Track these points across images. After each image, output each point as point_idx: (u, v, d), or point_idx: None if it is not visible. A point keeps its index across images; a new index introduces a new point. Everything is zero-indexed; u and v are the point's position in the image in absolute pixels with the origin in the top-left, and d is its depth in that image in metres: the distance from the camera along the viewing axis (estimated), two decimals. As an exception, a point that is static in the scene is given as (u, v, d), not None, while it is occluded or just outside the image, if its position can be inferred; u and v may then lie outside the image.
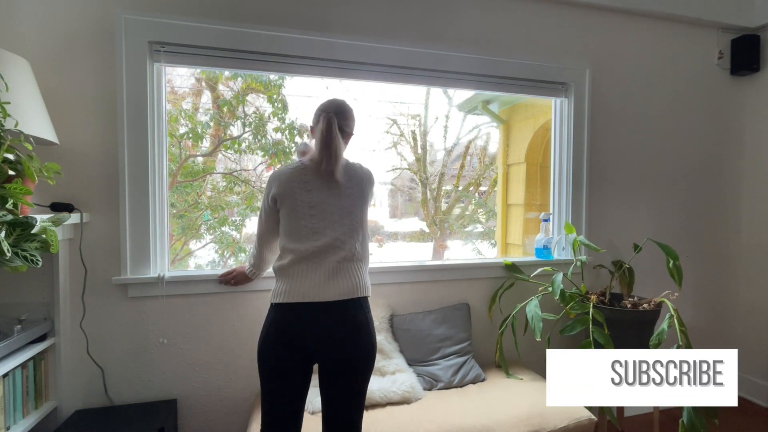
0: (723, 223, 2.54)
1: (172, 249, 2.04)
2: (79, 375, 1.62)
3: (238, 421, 1.79)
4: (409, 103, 2.49)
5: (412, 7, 1.94)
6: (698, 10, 2.32)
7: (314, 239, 1.24)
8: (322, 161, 1.26)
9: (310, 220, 1.25)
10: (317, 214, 1.25)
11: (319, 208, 1.26)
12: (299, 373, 1.22)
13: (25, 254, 1.14)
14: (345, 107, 1.37)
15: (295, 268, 1.23)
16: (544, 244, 2.20)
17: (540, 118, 2.67)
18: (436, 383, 1.80)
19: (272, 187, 1.31)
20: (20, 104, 1.29)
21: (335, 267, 1.23)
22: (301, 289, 1.20)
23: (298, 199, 1.26)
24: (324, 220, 1.25)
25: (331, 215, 1.26)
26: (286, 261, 1.25)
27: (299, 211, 1.26)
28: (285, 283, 1.23)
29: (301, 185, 1.27)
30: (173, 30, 1.64)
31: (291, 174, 1.29)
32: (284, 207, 1.28)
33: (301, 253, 1.23)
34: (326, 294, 1.20)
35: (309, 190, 1.26)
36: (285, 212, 1.28)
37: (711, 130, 2.49)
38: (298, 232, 1.25)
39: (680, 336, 1.69)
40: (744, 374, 2.51)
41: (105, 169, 1.62)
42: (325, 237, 1.24)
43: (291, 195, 1.27)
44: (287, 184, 1.28)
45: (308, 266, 1.22)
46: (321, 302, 1.19)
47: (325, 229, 1.25)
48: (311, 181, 1.27)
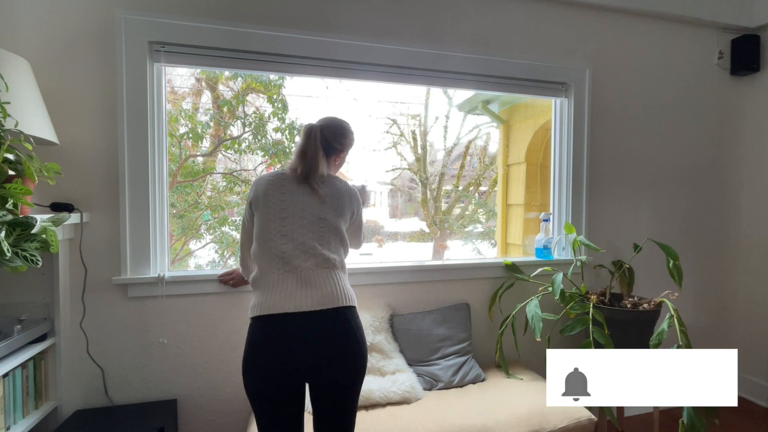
0: (723, 223, 2.54)
1: (172, 249, 2.04)
2: (79, 375, 1.62)
3: (238, 421, 1.79)
4: (409, 103, 2.49)
5: (412, 7, 1.94)
6: (698, 10, 2.32)
7: (282, 242, 1.19)
8: (297, 167, 1.28)
9: (280, 223, 1.21)
10: (287, 217, 1.22)
11: (290, 212, 1.23)
12: (287, 391, 1.13)
13: (25, 254, 1.14)
14: (336, 123, 1.39)
15: (266, 278, 1.18)
16: (544, 244, 2.20)
17: (540, 118, 2.67)
18: (436, 383, 1.80)
19: (251, 191, 1.31)
20: (20, 104, 1.29)
21: (308, 274, 1.17)
22: (274, 299, 1.13)
23: (271, 202, 1.24)
24: (293, 224, 1.21)
25: (302, 219, 1.22)
26: (258, 271, 1.21)
27: (271, 214, 1.23)
28: (259, 294, 1.18)
29: (276, 189, 1.26)
30: (173, 30, 1.64)
31: (269, 179, 1.29)
32: (258, 211, 1.26)
33: (271, 259, 1.19)
34: (301, 303, 1.12)
35: (282, 193, 1.25)
36: (258, 217, 1.26)
37: (711, 130, 2.49)
38: (268, 235, 1.21)
39: (680, 336, 1.69)
40: (744, 374, 2.51)
41: (105, 169, 1.62)
42: (293, 241, 1.19)
43: (265, 199, 1.25)
44: (264, 188, 1.27)
45: (279, 275, 1.17)
46: (296, 312, 1.12)
47: (293, 233, 1.20)
48: (287, 185, 1.26)
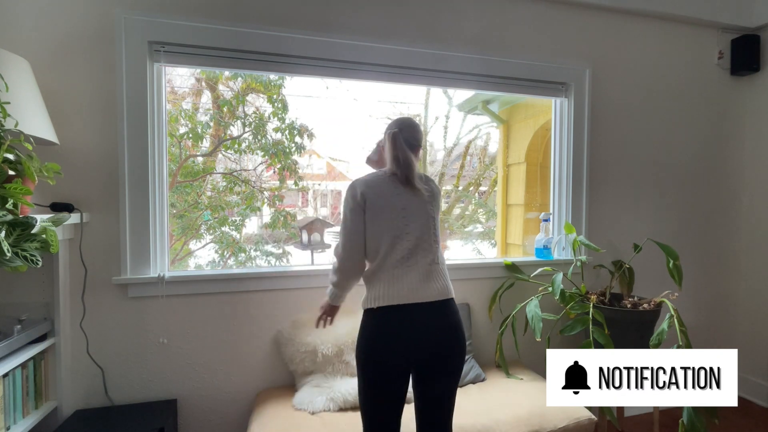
0: (723, 222, 2.54)
1: (172, 249, 2.04)
2: (79, 375, 1.62)
3: (238, 421, 1.79)
4: (409, 103, 2.49)
5: (412, 7, 1.94)
6: (698, 10, 2.32)
7: (406, 241, 1.27)
8: (395, 171, 1.32)
9: (402, 221, 1.28)
10: (408, 217, 1.29)
11: (409, 211, 1.29)
12: (403, 376, 1.23)
13: (25, 254, 1.14)
14: (409, 123, 1.41)
15: (390, 272, 1.24)
16: (544, 244, 2.20)
17: (540, 118, 2.67)
18: (436, 383, 1.80)
19: (357, 190, 1.30)
20: (20, 104, 1.29)
21: (427, 269, 1.26)
22: (400, 291, 1.22)
23: (390, 202, 1.29)
24: (413, 223, 1.29)
25: (419, 218, 1.30)
26: (380, 265, 1.26)
27: (390, 214, 1.28)
28: (381, 287, 1.24)
29: (391, 190, 1.31)
30: (173, 30, 1.64)
31: (378, 180, 1.32)
32: (373, 210, 1.29)
33: (395, 256, 1.25)
34: (424, 295, 1.22)
35: (398, 194, 1.30)
36: (374, 216, 1.28)
37: (711, 130, 2.49)
38: (391, 235, 1.27)
39: (680, 336, 1.69)
40: (744, 374, 2.51)
41: (105, 169, 1.62)
42: (414, 240, 1.27)
43: (382, 198, 1.29)
44: (375, 190, 1.30)
45: (402, 269, 1.24)
46: (421, 303, 1.21)
47: (414, 232, 1.28)
48: (399, 187, 1.31)
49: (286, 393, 1.72)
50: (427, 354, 1.22)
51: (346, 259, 1.33)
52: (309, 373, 1.72)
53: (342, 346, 1.71)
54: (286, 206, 2.51)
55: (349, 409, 1.59)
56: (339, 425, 1.49)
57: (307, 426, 1.48)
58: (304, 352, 1.71)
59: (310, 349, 1.70)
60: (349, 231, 1.31)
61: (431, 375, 1.24)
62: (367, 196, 1.29)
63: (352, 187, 1.33)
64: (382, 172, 1.36)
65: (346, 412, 1.58)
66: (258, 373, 1.81)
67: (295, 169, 2.38)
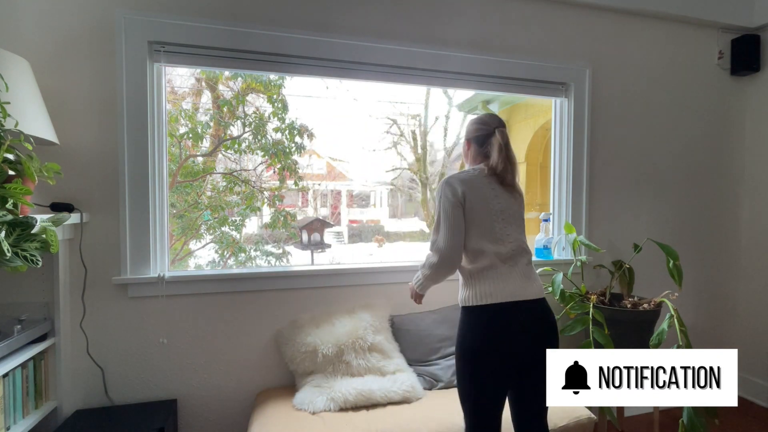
0: (723, 222, 2.54)
1: (172, 249, 2.04)
2: (79, 375, 1.62)
3: (238, 421, 1.79)
4: (409, 103, 2.49)
5: (412, 7, 1.94)
6: (698, 10, 2.32)
7: (507, 242, 1.30)
8: (506, 173, 1.34)
9: (502, 224, 1.31)
10: (507, 218, 1.32)
11: (508, 213, 1.33)
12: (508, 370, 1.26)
13: (25, 254, 1.14)
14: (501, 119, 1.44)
15: (494, 271, 1.27)
16: (544, 244, 2.20)
17: (540, 118, 2.67)
18: (437, 383, 1.80)
19: (457, 188, 1.30)
20: (20, 104, 1.29)
21: (526, 269, 1.30)
22: (507, 289, 1.25)
23: (490, 203, 1.31)
24: (512, 225, 1.33)
25: (516, 221, 1.34)
26: (484, 263, 1.28)
27: (492, 215, 1.31)
28: (485, 285, 1.26)
29: (490, 191, 1.33)
30: (173, 30, 1.64)
31: (475, 179, 1.33)
32: (473, 210, 1.30)
33: (498, 256, 1.28)
34: (528, 293, 1.27)
35: (497, 196, 1.33)
36: (475, 215, 1.30)
37: (711, 130, 2.49)
38: (493, 235, 1.30)
39: (680, 336, 1.69)
40: (744, 374, 2.51)
41: (105, 169, 1.62)
42: (515, 241, 1.31)
43: (481, 198, 1.31)
44: (476, 188, 1.31)
45: (505, 268, 1.28)
46: (526, 300, 1.26)
47: (513, 233, 1.32)
48: (497, 188, 1.34)
49: (287, 393, 1.72)
50: (528, 350, 1.26)
51: (447, 255, 1.31)
52: (309, 373, 1.72)
53: (342, 346, 1.71)
54: (286, 206, 2.51)
55: (350, 409, 1.59)
56: (340, 425, 1.49)
57: (308, 426, 1.48)
58: (305, 352, 1.71)
59: (310, 349, 1.70)
60: (452, 226, 1.30)
61: (529, 369, 1.28)
62: (466, 194, 1.30)
63: (450, 184, 1.32)
64: (478, 171, 1.36)
65: (347, 412, 1.58)
66: (258, 373, 1.81)
67: (295, 169, 2.38)
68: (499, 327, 1.25)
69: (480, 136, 1.40)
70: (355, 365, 1.71)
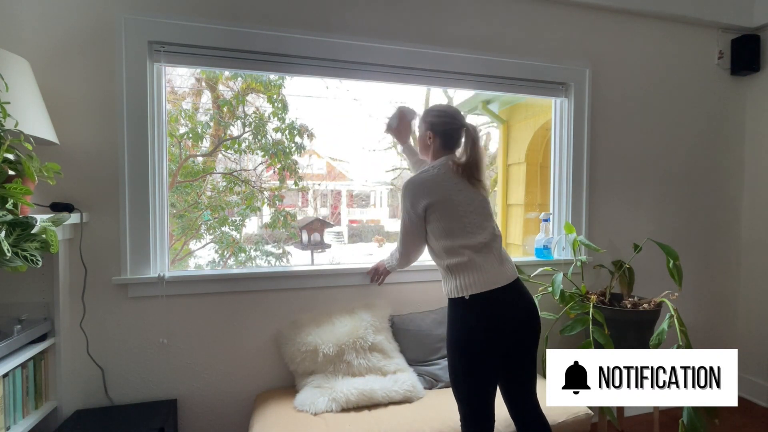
0: (723, 222, 2.54)
1: (172, 249, 2.04)
2: (79, 375, 1.62)
3: (238, 421, 1.79)
4: (409, 103, 2.48)
5: (412, 7, 1.94)
6: (698, 10, 2.32)
7: (479, 232, 1.35)
8: (476, 169, 1.39)
9: (471, 216, 1.35)
10: (475, 210, 1.37)
11: (474, 204, 1.37)
12: (497, 356, 1.30)
13: (25, 254, 1.14)
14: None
15: (471, 262, 1.31)
16: (544, 244, 2.20)
17: (540, 118, 2.67)
18: (437, 383, 1.80)
19: (419, 199, 1.36)
20: (20, 104, 1.28)
21: (500, 254, 1.36)
22: (486, 277, 1.29)
23: (456, 200, 1.35)
24: (480, 215, 1.37)
25: (484, 210, 1.39)
26: (463, 257, 1.32)
27: (460, 210, 1.35)
28: (469, 275, 1.30)
29: (453, 186, 1.37)
30: (173, 30, 1.64)
31: (439, 179, 1.37)
32: (440, 212, 1.35)
33: (473, 248, 1.32)
34: (505, 277, 1.32)
35: (461, 191, 1.37)
36: (441, 215, 1.35)
37: (711, 130, 2.49)
38: (464, 229, 1.34)
39: (680, 336, 1.69)
40: (744, 374, 2.51)
41: (105, 169, 1.61)
42: (485, 229, 1.36)
43: (447, 198, 1.35)
44: (440, 189, 1.36)
45: (481, 257, 1.32)
46: (507, 285, 1.31)
47: (483, 222, 1.37)
48: (460, 182, 1.38)
49: (287, 394, 1.72)
50: (517, 332, 1.31)
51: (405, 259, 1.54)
52: (310, 373, 1.72)
53: (343, 346, 1.71)
54: (286, 206, 2.51)
55: (352, 410, 1.59)
56: (342, 426, 1.48)
57: (309, 427, 1.47)
58: (305, 351, 1.71)
59: (311, 348, 1.70)
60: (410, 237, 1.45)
61: (521, 351, 1.34)
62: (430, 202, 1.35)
63: (411, 194, 1.37)
64: (440, 167, 1.39)
65: (349, 412, 1.58)
66: (258, 373, 1.81)
67: (295, 169, 2.38)
68: (485, 314, 1.28)
69: (449, 130, 1.43)
70: (356, 365, 1.70)
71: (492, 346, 1.28)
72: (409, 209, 1.38)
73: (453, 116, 1.44)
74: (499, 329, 1.28)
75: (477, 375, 1.29)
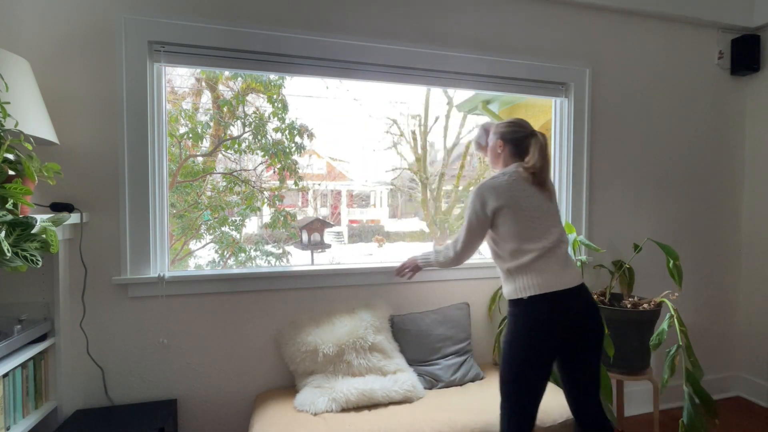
0: (723, 222, 2.54)
1: (172, 249, 2.04)
2: (79, 375, 1.62)
3: (238, 421, 1.79)
4: (409, 103, 2.49)
5: (412, 7, 1.94)
6: (698, 10, 2.32)
7: (545, 237, 1.39)
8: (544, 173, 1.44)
9: (538, 221, 1.40)
10: (542, 215, 1.41)
11: (542, 209, 1.42)
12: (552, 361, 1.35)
13: (25, 254, 1.14)
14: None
15: (535, 265, 1.36)
16: (544, 244, 2.20)
17: (540, 118, 2.67)
18: (437, 383, 1.80)
19: (488, 202, 1.41)
20: (20, 104, 1.29)
21: (564, 259, 1.39)
22: (548, 280, 1.34)
23: (524, 204, 1.40)
24: (548, 220, 1.42)
25: (552, 215, 1.44)
26: (524, 260, 1.37)
27: (527, 215, 1.40)
28: (528, 278, 1.35)
29: (522, 192, 1.42)
30: (173, 30, 1.64)
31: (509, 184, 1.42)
32: (508, 215, 1.40)
33: (538, 251, 1.36)
34: (568, 282, 1.35)
35: (529, 196, 1.42)
36: (509, 219, 1.40)
37: (711, 130, 2.49)
38: (531, 233, 1.39)
39: (680, 336, 1.69)
40: (744, 374, 2.51)
41: (105, 169, 1.62)
42: (552, 234, 1.40)
43: (515, 202, 1.40)
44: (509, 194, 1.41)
45: (543, 262, 1.36)
46: (568, 289, 1.34)
47: (550, 227, 1.41)
48: (528, 188, 1.43)
49: (287, 394, 1.72)
50: (576, 336, 1.35)
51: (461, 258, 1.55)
52: (310, 373, 1.72)
53: (343, 346, 1.71)
54: (286, 206, 2.50)
55: (352, 410, 1.59)
56: (342, 426, 1.48)
57: (309, 427, 1.47)
58: (305, 351, 1.71)
59: (311, 348, 1.70)
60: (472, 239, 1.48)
61: (582, 354, 1.37)
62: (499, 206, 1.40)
63: (481, 197, 1.42)
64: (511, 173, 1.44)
65: (349, 412, 1.58)
66: (258, 373, 1.81)
67: (295, 169, 2.38)
68: (547, 317, 1.32)
69: (517, 138, 1.50)
70: (356, 365, 1.71)
71: (544, 347, 1.32)
72: (478, 210, 1.43)
73: (521, 125, 1.51)
74: (552, 332, 1.32)
75: (527, 374, 1.33)
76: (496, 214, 1.41)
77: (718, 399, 2.51)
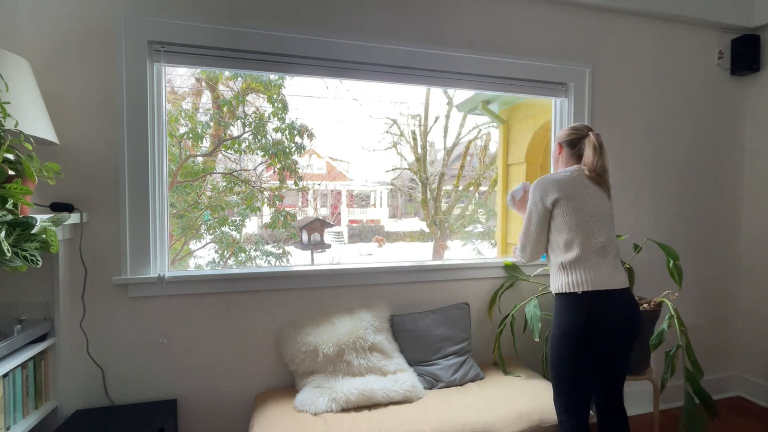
0: (723, 222, 2.54)
1: (172, 249, 2.04)
2: (79, 375, 1.62)
3: (238, 421, 1.79)
4: (409, 103, 2.49)
5: (412, 7, 1.94)
6: (698, 10, 2.32)
7: (599, 236, 1.44)
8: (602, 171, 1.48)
9: (594, 219, 1.44)
10: (599, 214, 1.46)
11: (600, 209, 1.46)
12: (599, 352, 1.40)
13: (25, 254, 1.14)
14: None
15: (586, 262, 1.41)
16: (544, 244, 2.20)
17: (540, 118, 2.67)
18: (437, 383, 1.80)
19: (549, 192, 1.46)
20: (20, 104, 1.28)
21: (614, 261, 1.44)
22: (598, 278, 1.39)
23: (584, 201, 1.45)
24: (603, 220, 1.46)
25: (607, 217, 1.48)
26: (576, 255, 1.42)
27: (586, 212, 1.44)
28: (580, 274, 1.40)
29: (583, 189, 1.46)
30: (173, 30, 1.64)
31: (571, 180, 1.47)
32: (567, 208, 1.44)
33: (591, 248, 1.42)
34: (617, 283, 1.41)
35: (590, 194, 1.46)
36: (567, 211, 1.44)
37: (711, 130, 2.49)
38: (586, 230, 1.43)
39: (680, 336, 1.69)
40: (744, 374, 2.51)
41: (105, 169, 1.62)
42: (605, 234, 1.45)
43: (576, 197, 1.44)
44: (571, 188, 1.45)
45: (596, 259, 1.41)
46: (616, 289, 1.40)
47: (604, 228, 1.45)
48: (590, 186, 1.48)
49: (287, 394, 1.72)
50: (616, 334, 1.40)
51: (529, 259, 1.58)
52: (310, 373, 1.72)
53: (343, 346, 1.71)
54: (286, 206, 2.51)
55: (352, 410, 1.59)
56: (342, 426, 1.48)
57: (309, 427, 1.47)
58: (305, 351, 1.71)
59: (311, 348, 1.70)
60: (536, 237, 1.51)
61: (617, 351, 1.43)
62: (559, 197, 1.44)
63: (541, 188, 1.47)
64: (573, 171, 1.49)
65: (349, 412, 1.58)
66: (258, 373, 1.81)
67: (295, 169, 2.38)
68: (592, 312, 1.37)
69: (573, 140, 1.55)
70: (356, 365, 1.71)
71: (595, 341, 1.38)
72: (537, 201, 1.47)
73: (576, 128, 1.57)
74: (604, 326, 1.37)
75: (580, 366, 1.39)
76: (555, 205, 1.45)
77: (718, 399, 2.51)
